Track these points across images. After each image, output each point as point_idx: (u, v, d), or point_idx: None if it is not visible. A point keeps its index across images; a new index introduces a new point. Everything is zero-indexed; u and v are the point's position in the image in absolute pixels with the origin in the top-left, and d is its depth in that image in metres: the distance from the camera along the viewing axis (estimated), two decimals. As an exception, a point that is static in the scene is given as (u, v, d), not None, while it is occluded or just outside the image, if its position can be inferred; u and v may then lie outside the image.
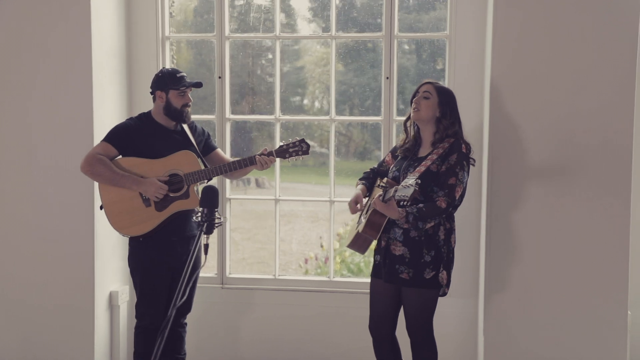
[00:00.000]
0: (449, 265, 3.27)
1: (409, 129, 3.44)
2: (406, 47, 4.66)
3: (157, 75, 3.63)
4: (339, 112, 4.57)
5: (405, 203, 2.93)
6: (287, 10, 4.76)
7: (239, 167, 3.55)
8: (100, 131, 4.02)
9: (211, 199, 2.45)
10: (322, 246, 6.13)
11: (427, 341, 3.32)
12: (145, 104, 4.36)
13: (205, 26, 4.63)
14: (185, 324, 3.76)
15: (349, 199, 3.45)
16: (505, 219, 3.71)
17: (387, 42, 4.27)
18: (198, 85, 3.63)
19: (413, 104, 3.34)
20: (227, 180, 4.39)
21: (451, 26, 4.20)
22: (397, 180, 3.29)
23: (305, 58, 4.99)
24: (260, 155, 3.56)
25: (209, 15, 4.54)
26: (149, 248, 3.52)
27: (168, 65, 4.46)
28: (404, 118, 4.30)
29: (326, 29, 4.50)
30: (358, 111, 4.76)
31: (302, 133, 4.91)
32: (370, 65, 4.66)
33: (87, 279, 4.06)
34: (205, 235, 2.45)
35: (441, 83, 3.42)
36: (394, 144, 4.29)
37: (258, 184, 7.26)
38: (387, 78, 4.28)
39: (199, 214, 2.45)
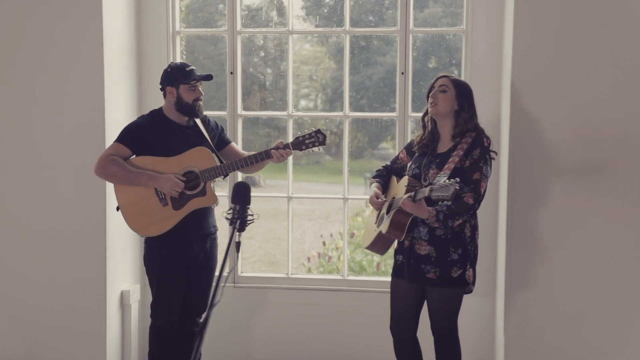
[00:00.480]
0: (474, 262, 3.23)
1: (427, 124, 3.37)
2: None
3: (165, 70, 3.57)
4: (333, 109, 4.51)
5: (445, 202, 2.88)
6: (280, 9, 4.70)
7: (255, 161, 3.50)
8: (112, 129, 3.99)
9: (243, 195, 2.37)
10: (324, 244, 6.08)
11: (452, 341, 3.28)
12: (156, 100, 4.30)
13: (204, 22, 4.59)
14: (201, 323, 3.71)
15: (364, 196, 3.39)
16: (526, 217, 3.65)
17: (402, 37, 4.20)
18: (208, 77, 3.56)
19: (430, 98, 3.28)
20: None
21: (467, 20, 4.13)
22: (417, 178, 3.23)
23: (295, 56, 4.93)
24: (275, 148, 3.50)
25: (202, 13, 4.50)
26: (165, 246, 3.47)
27: (179, 61, 4.39)
28: (420, 114, 4.30)
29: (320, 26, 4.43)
30: (353, 109, 4.69)
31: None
32: (364, 64, 4.59)
33: (99, 279, 4.01)
34: (237, 233, 2.38)
35: (456, 75, 3.35)
36: (409, 141, 4.23)
37: (253, 183, 7.20)
38: (402, 73, 4.21)
39: (231, 210, 2.38)
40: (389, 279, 4.35)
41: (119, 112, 4.12)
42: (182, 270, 3.52)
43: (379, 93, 4.42)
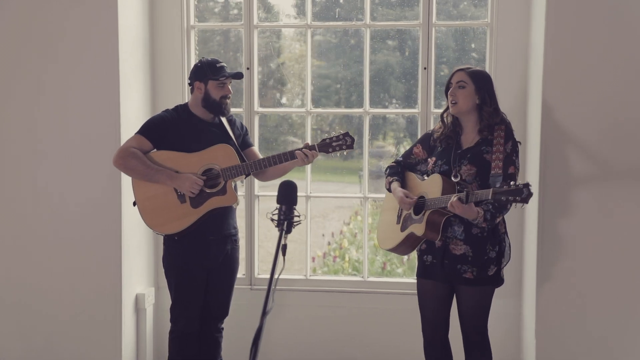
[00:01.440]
0: (508, 259, 3.17)
1: (445, 119, 3.27)
2: (390, 42, 4.48)
3: (196, 65, 3.48)
4: (321, 106, 4.42)
5: (517, 206, 2.83)
6: (266, 7, 4.60)
7: (278, 162, 3.38)
8: (126, 126, 3.88)
9: (290, 195, 2.27)
10: (329, 244, 5.98)
11: (483, 342, 3.20)
12: (170, 96, 4.23)
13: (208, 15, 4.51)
14: (222, 328, 3.61)
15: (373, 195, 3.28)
16: (558, 217, 3.56)
17: (424, 30, 4.11)
18: (238, 76, 3.48)
19: (449, 96, 3.18)
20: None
21: (492, 14, 4.05)
22: (447, 174, 3.13)
23: (285, 54, 4.84)
24: (302, 149, 3.40)
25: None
26: (184, 248, 3.37)
27: (193, 56, 4.30)
28: (440, 110, 4.22)
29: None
30: (346, 105, 4.65)
31: (280, 129, 4.80)
32: (354, 61, 4.49)
33: (114, 282, 3.91)
34: (284, 236, 2.28)
35: (472, 66, 3.24)
36: (422, 134, 4.14)
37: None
38: (425, 68, 4.12)
39: (276, 211, 2.28)
40: (410, 280, 4.32)
41: (133, 109, 4.01)
42: (201, 272, 3.42)
43: (370, 90, 4.36)
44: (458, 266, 3.11)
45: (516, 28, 3.98)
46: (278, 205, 2.29)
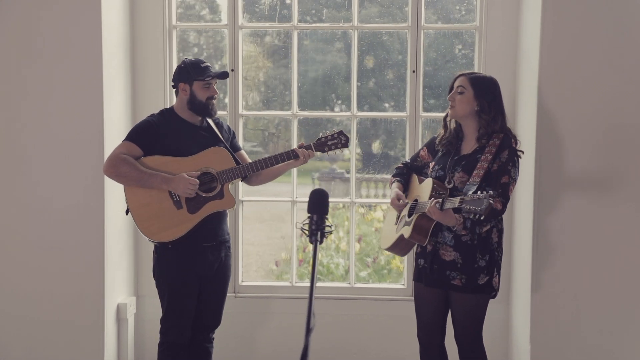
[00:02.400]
0: (500, 268, 3.13)
1: (448, 124, 3.25)
2: (339, 45, 4.47)
3: (179, 66, 3.37)
4: (271, 108, 4.37)
5: (476, 217, 2.74)
6: (212, 7, 4.54)
7: (275, 162, 3.32)
8: (110, 128, 3.76)
9: (321, 203, 2.18)
10: (305, 250, 5.91)
11: (477, 350, 3.17)
12: (151, 98, 4.13)
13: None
14: (213, 338, 3.52)
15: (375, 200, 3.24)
16: (552, 225, 3.58)
17: (413, 33, 4.09)
18: (224, 75, 3.39)
19: (449, 100, 3.17)
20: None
21: (481, 17, 4.06)
22: (442, 180, 3.10)
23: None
24: (299, 148, 3.34)
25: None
26: (178, 255, 3.26)
27: (175, 57, 4.19)
28: (429, 114, 4.20)
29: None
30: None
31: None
32: (302, 62, 4.46)
33: (97, 291, 3.78)
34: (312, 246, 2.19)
35: (478, 72, 3.23)
36: (420, 141, 4.13)
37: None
38: (414, 71, 4.11)
39: (307, 221, 2.20)
40: (397, 285, 4.30)
41: (116, 112, 3.89)
42: (195, 281, 3.32)
43: (318, 92, 4.32)
44: (447, 272, 3.08)
45: (505, 32, 4.00)
46: (309, 215, 2.17)
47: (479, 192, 2.74)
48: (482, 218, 2.73)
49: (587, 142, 3.55)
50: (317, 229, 2.14)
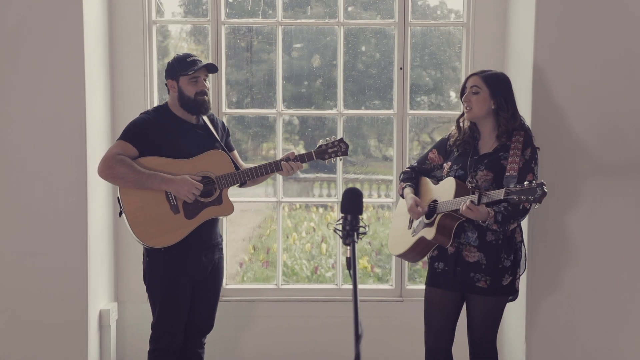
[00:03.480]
0: (524, 269, 3.13)
1: (461, 125, 3.23)
2: (297, 45, 4.46)
3: (168, 63, 3.28)
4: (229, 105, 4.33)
5: (528, 206, 2.80)
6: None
7: (264, 173, 3.25)
8: (91, 129, 3.65)
9: (356, 203, 2.12)
10: (255, 249, 5.86)
11: (492, 353, 3.15)
12: (130, 97, 4.04)
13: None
14: (204, 343, 3.43)
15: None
16: (550, 218, 3.59)
17: (400, 30, 4.07)
18: (211, 67, 3.28)
19: (463, 102, 3.14)
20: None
21: (468, 14, 4.06)
22: (462, 179, 3.06)
23: (172, 55, 4.73)
24: (286, 159, 3.26)
25: None
26: (171, 259, 3.16)
27: (155, 53, 4.09)
28: (416, 112, 4.19)
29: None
30: (236, 107, 4.49)
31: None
32: (247, 62, 4.44)
33: (80, 297, 3.67)
34: (348, 248, 2.11)
35: (487, 70, 3.20)
36: (407, 139, 4.11)
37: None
38: (401, 69, 4.08)
39: (341, 221, 2.12)
40: (385, 286, 4.27)
41: (97, 112, 3.78)
42: (189, 285, 3.23)
43: (262, 91, 4.30)
44: (471, 274, 3.05)
45: (492, 28, 4.01)
46: (342, 215, 2.10)
47: (526, 182, 2.73)
48: (536, 206, 2.74)
49: (585, 136, 3.56)
50: (352, 230, 2.06)
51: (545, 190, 2.69)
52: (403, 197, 3.32)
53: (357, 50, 4.38)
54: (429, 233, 3.05)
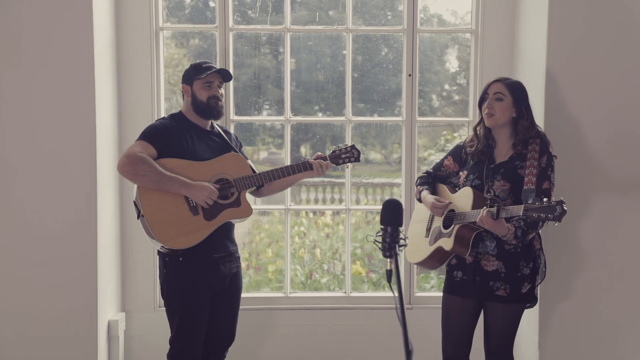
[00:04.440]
0: (543, 276, 3.15)
1: (479, 133, 3.23)
2: (267, 49, 4.46)
3: (185, 69, 3.32)
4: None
5: (546, 224, 2.79)
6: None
7: (292, 172, 3.26)
8: (100, 137, 3.63)
9: (397, 214, 2.10)
10: (257, 256, 5.84)
11: (509, 360, 3.18)
12: (137, 104, 4.02)
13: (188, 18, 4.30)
14: (225, 356, 3.39)
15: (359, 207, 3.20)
16: (562, 227, 3.57)
17: (409, 36, 4.09)
18: (223, 72, 3.30)
19: (485, 108, 3.13)
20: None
21: (477, 20, 4.09)
22: (479, 189, 3.08)
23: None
24: (315, 159, 3.29)
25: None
26: (189, 269, 3.13)
27: (162, 59, 4.08)
28: (425, 118, 4.20)
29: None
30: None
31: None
32: (236, 66, 4.44)
33: (89, 308, 3.64)
34: (389, 260, 2.09)
35: (507, 77, 3.22)
36: (416, 146, 4.13)
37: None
38: (410, 75, 4.10)
39: (380, 233, 2.10)
40: (391, 294, 4.24)
41: (105, 119, 3.75)
42: (209, 296, 3.21)
43: (246, 95, 4.32)
44: (490, 283, 3.06)
45: (501, 35, 4.04)
46: (382, 227, 2.08)
47: (545, 199, 2.74)
48: (555, 225, 2.74)
49: (598, 143, 3.60)
50: (393, 242, 2.04)
51: (565, 208, 2.70)
52: (420, 201, 3.34)
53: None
54: (447, 244, 3.06)
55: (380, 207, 2.16)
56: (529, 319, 3.78)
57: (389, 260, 2.06)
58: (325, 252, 4.99)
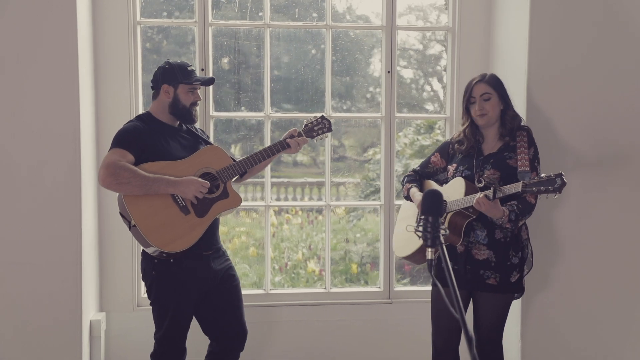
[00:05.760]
0: (531, 266, 3.27)
1: (467, 132, 3.33)
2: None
3: (162, 67, 3.25)
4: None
5: (547, 196, 2.84)
6: None
7: (271, 153, 3.31)
8: (84, 132, 3.59)
9: (437, 204, 2.12)
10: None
11: (498, 350, 3.29)
12: (115, 99, 3.97)
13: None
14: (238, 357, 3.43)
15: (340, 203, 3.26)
16: (538, 217, 3.74)
17: (387, 34, 4.17)
18: (211, 81, 3.35)
19: (477, 110, 3.24)
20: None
21: (454, 18, 4.20)
22: (470, 180, 3.19)
23: None
24: (290, 137, 3.35)
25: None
26: (180, 270, 3.13)
27: (139, 55, 4.04)
28: (403, 115, 4.28)
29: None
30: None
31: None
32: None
33: (73, 308, 3.60)
34: (430, 250, 2.12)
35: (485, 73, 3.34)
36: (394, 142, 4.21)
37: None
38: (389, 72, 4.18)
39: (421, 223, 2.12)
40: (373, 289, 4.33)
41: (85, 113, 3.70)
42: (198, 294, 3.23)
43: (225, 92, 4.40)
44: (481, 272, 3.17)
45: (478, 32, 4.17)
46: (422, 217, 2.09)
47: (543, 174, 2.85)
48: (555, 196, 2.83)
49: (580, 138, 3.75)
50: (432, 232, 2.07)
51: (565, 180, 2.81)
52: (408, 199, 3.42)
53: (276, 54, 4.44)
54: None
55: (349, 203, 2.20)
56: (512, 310, 3.90)
57: (429, 249, 2.09)
58: (273, 251, 5.03)
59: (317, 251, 5.08)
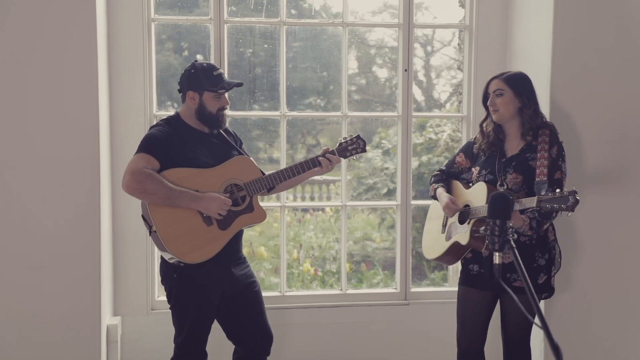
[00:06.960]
0: (559, 266, 3.28)
1: (484, 129, 3.35)
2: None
3: (188, 70, 3.17)
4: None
5: (559, 214, 2.82)
6: None
7: (301, 170, 3.24)
8: (104, 134, 3.55)
9: (505, 208, 2.09)
10: None
11: (526, 351, 3.29)
12: (128, 99, 3.92)
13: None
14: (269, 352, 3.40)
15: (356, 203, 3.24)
16: (558, 218, 3.75)
17: (405, 32, 4.16)
18: (239, 85, 3.24)
19: (489, 106, 3.26)
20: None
21: (471, 16, 4.19)
22: (492, 184, 3.19)
23: None
24: (322, 155, 3.28)
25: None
26: (202, 276, 3.08)
27: (154, 52, 3.99)
28: (420, 114, 4.26)
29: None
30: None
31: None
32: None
33: (92, 313, 3.57)
34: (497, 254, 2.10)
35: (507, 72, 3.33)
36: (411, 141, 4.20)
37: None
38: (405, 70, 4.17)
39: (489, 226, 2.09)
40: (389, 290, 4.32)
41: (102, 112, 3.65)
42: (218, 299, 3.19)
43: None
44: (507, 275, 3.17)
45: (495, 30, 4.17)
46: (488, 220, 2.09)
47: (557, 190, 2.84)
48: (568, 215, 2.82)
49: (602, 139, 3.76)
50: (500, 235, 2.05)
51: (577, 198, 2.80)
52: (435, 199, 3.42)
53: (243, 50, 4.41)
54: (463, 238, 3.17)
55: (366, 204, 2.19)
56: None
57: (497, 254, 2.07)
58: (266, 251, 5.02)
59: (309, 250, 5.08)
